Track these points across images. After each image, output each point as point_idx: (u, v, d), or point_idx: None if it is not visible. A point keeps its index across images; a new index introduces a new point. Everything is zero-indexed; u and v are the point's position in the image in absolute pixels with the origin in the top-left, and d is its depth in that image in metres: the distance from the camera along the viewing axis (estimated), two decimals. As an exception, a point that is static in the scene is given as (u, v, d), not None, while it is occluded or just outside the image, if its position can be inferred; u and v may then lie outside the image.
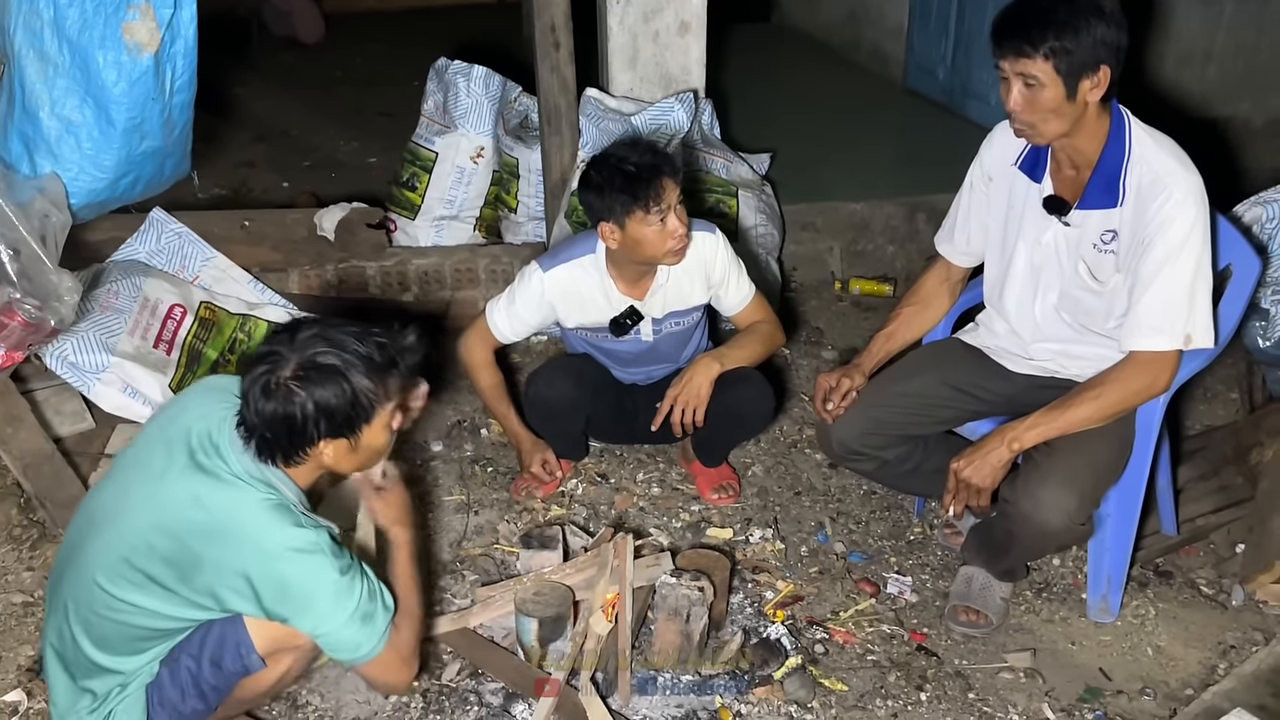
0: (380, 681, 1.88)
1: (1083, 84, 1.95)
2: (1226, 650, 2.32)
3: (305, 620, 1.73)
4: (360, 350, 1.72)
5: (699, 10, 3.61)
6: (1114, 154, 2.05)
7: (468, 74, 3.70)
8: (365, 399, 1.72)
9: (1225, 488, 2.73)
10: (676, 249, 2.46)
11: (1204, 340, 2.05)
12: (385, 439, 1.83)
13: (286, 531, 1.70)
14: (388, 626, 1.79)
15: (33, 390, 2.66)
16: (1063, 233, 2.16)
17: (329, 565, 1.71)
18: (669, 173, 2.40)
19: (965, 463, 2.13)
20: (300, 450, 1.74)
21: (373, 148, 5.24)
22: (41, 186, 2.70)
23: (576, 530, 2.57)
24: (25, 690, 2.16)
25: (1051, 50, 1.92)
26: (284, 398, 1.67)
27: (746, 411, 2.66)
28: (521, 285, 2.62)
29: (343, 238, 3.53)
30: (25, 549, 2.56)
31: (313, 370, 1.68)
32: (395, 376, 1.77)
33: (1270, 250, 2.60)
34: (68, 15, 2.60)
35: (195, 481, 1.71)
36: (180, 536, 1.70)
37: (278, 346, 1.71)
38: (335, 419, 1.71)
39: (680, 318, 2.67)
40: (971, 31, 4.91)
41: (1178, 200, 1.98)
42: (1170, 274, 2.00)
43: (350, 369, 1.70)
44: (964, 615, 2.35)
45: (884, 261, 4.12)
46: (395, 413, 1.81)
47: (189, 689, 1.79)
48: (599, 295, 2.59)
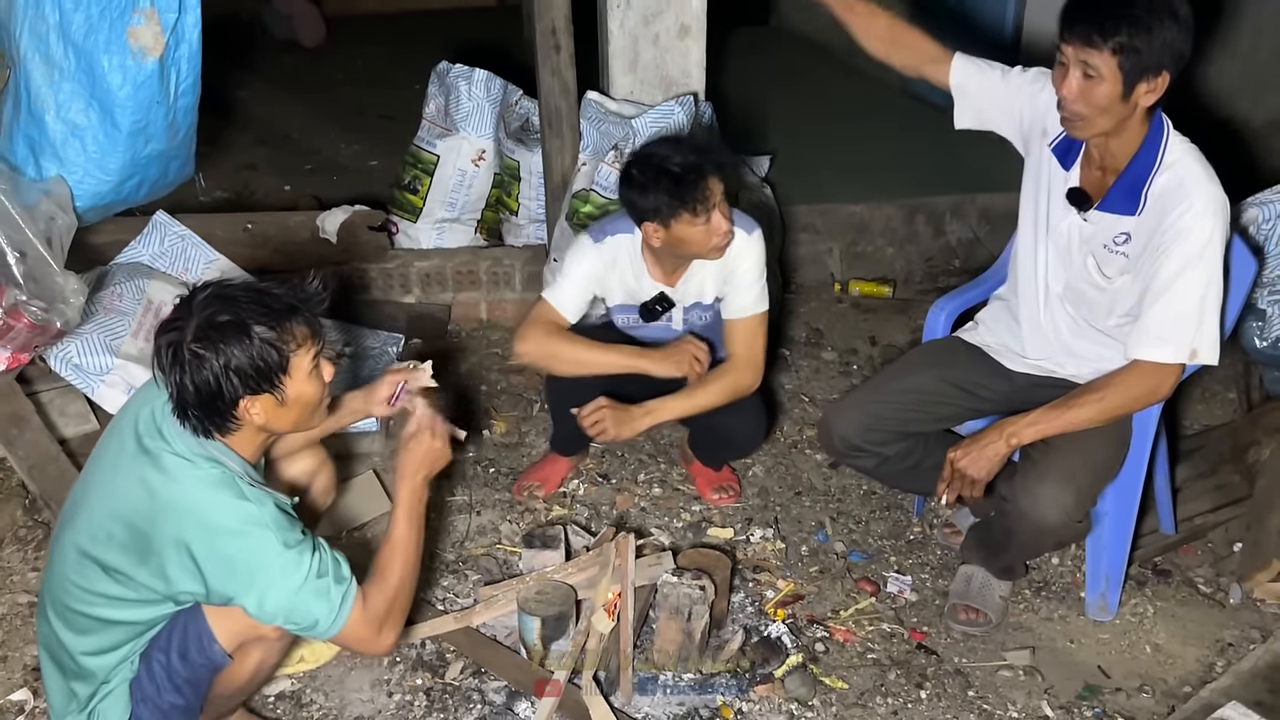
0: (355, 650, 1.84)
1: (1140, 86, 1.93)
2: (1224, 648, 2.34)
3: (251, 595, 1.70)
4: (257, 302, 1.72)
5: (699, 13, 3.62)
6: (1144, 162, 2.02)
7: (469, 77, 3.71)
8: (272, 348, 1.70)
9: (1223, 486, 2.74)
10: (721, 245, 2.43)
11: (1208, 357, 2.03)
12: (315, 389, 1.80)
13: (229, 505, 1.70)
14: (344, 598, 1.75)
15: (38, 392, 2.67)
16: (1078, 226, 2.15)
17: (273, 538, 1.70)
18: (713, 171, 2.35)
19: (962, 453, 2.14)
20: (227, 415, 1.72)
21: (374, 150, 5.25)
22: (47, 189, 2.71)
23: (578, 530, 2.59)
24: (31, 689, 2.18)
25: (1120, 46, 1.88)
26: (192, 364, 1.67)
27: (735, 437, 2.73)
28: (574, 257, 2.56)
29: (345, 240, 3.54)
30: (31, 549, 2.58)
31: (211, 330, 1.67)
32: (300, 322, 1.75)
33: (1266, 251, 2.62)
34: (73, 20, 2.62)
35: (141, 465, 1.73)
36: (131, 521, 1.71)
37: (178, 315, 1.71)
38: (247, 374, 1.69)
39: (704, 311, 2.63)
40: (970, 33, 4.92)
41: (1198, 211, 1.96)
42: (1182, 286, 1.99)
43: (249, 321, 1.69)
44: (963, 614, 2.37)
45: (883, 263, 4.13)
46: (318, 361, 1.79)
47: (164, 683, 1.80)
48: (630, 276, 2.56)
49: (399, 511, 1.90)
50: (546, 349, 2.54)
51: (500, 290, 3.71)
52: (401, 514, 1.90)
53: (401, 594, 1.86)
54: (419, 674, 2.22)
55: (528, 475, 2.86)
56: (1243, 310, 2.34)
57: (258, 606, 1.72)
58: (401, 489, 1.92)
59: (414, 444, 1.95)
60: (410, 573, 1.88)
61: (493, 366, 3.47)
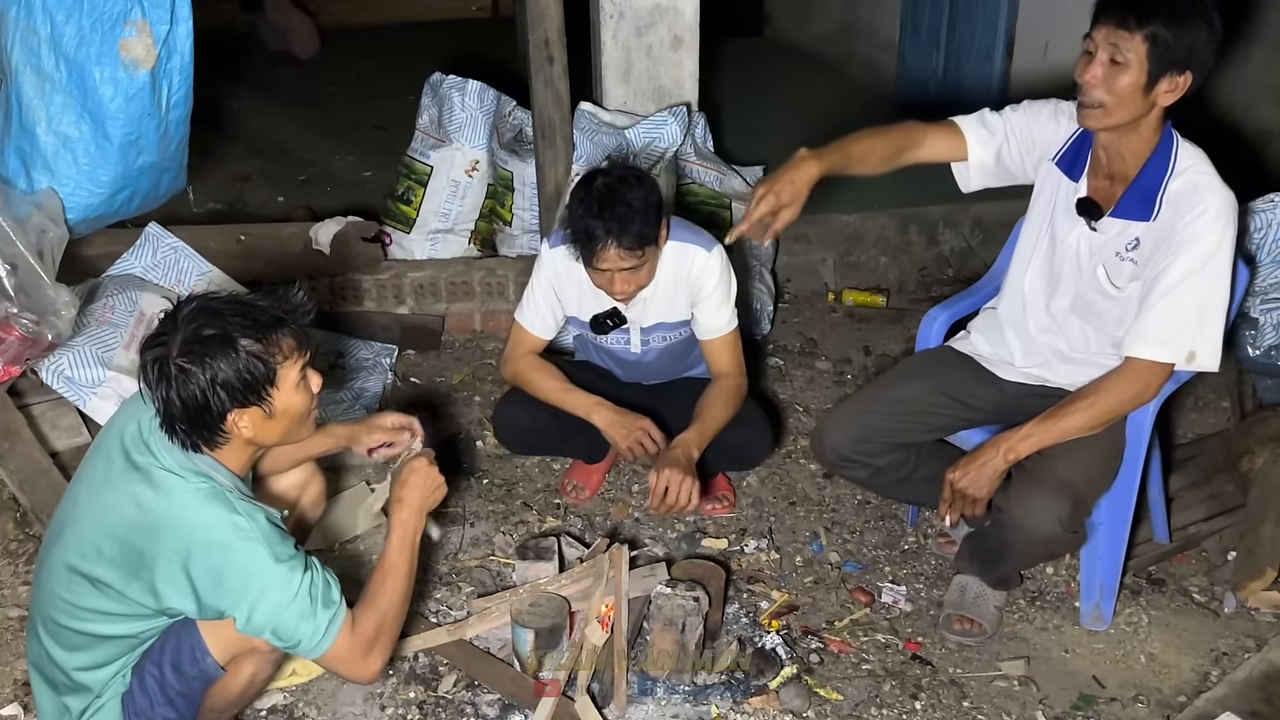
0: (341, 673, 1.84)
1: (1162, 82, 1.93)
2: (1219, 657, 2.33)
3: (241, 608, 1.70)
4: (242, 315, 1.72)
5: (691, 25, 3.63)
6: (1157, 168, 2.03)
7: (462, 88, 3.72)
8: (258, 360, 1.70)
9: (1217, 495, 2.75)
10: (619, 298, 2.49)
11: (1208, 362, 2.04)
12: (303, 400, 1.80)
13: (220, 519, 1.69)
14: (332, 620, 1.74)
15: (29, 405, 2.66)
16: (1086, 237, 2.15)
17: (264, 551, 1.69)
18: (619, 243, 2.33)
19: (961, 473, 2.14)
20: (215, 429, 1.72)
21: (368, 162, 5.26)
22: (38, 202, 2.71)
23: (572, 541, 2.58)
24: (21, 704, 2.16)
25: (1153, 34, 1.89)
26: (179, 378, 1.67)
27: (749, 453, 2.75)
28: (535, 268, 2.63)
29: (338, 251, 3.54)
30: (21, 563, 2.56)
31: (197, 344, 1.67)
32: (286, 334, 1.75)
33: (1258, 260, 2.63)
34: (65, 32, 2.62)
35: (131, 481, 1.72)
36: (122, 537, 1.70)
37: (163, 330, 1.71)
38: (234, 387, 1.69)
39: (668, 331, 2.65)
40: (962, 44, 4.95)
41: (1212, 216, 1.97)
42: (1187, 289, 1.99)
43: (235, 334, 1.69)
44: (959, 624, 2.36)
45: (876, 273, 4.14)
46: (305, 372, 1.79)
47: (157, 697, 1.79)
48: (587, 285, 2.56)
49: (393, 538, 1.90)
50: (523, 377, 2.66)
51: (494, 301, 3.71)
52: (395, 541, 1.90)
53: (390, 621, 1.85)
54: (412, 687, 2.21)
55: (569, 476, 2.89)
56: (1236, 319, 2.34)
57: (246, 620, 1.71)
58: (397, 516, 1.92)
59: (415, 476, 1.96)
60: (401, 600, 1.87)
61: (486, 378, 3.47)
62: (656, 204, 2.39)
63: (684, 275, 2.54)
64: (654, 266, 2.48)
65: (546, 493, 2.89)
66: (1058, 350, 2.28)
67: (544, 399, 2.63)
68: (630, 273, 2.40)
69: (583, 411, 2.59)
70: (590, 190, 2.36)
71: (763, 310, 3.69)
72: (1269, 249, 2.64)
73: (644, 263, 2.41)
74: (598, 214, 2.33)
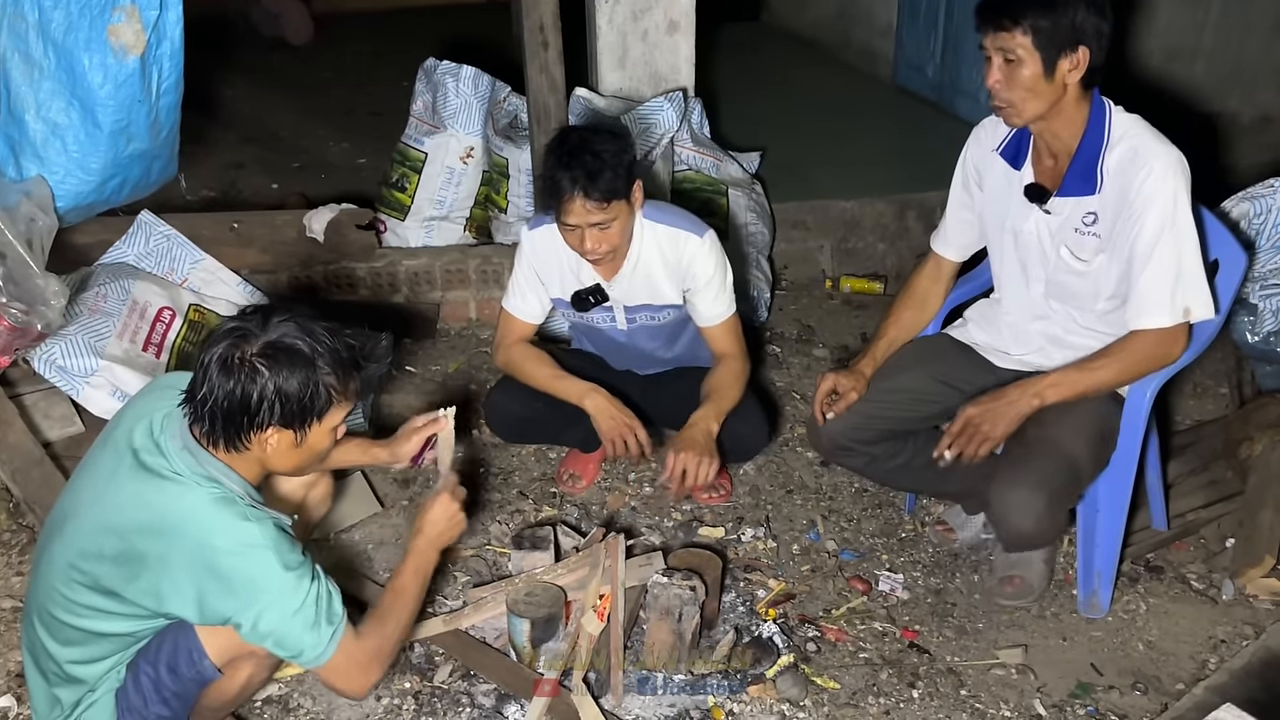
0: (335, 687, 1.84)
1: (1061, 63, 1.98)
2: (1217, 644, 2.33)
3: (248, 614, 1.68)
4: (331, 343, 1.71)
5: (688, 9, 3.61)
6: (1092, 142, 2.07)
7: (456, 74, 3.69)
8: (325, 392, 1.70)
9: (1215, 482, 2.74)
10: (594, 260, 2.45)
11: (1203, 311, 2.07)
12: (328, 442, 1.81)
13: (230, 525, 1.68)
14: (333, 635, 1.74)
15: (21, 394, 2.64)
16: (1044, 221, 2.18)
17: (273, 559, 1.68)
18: (585, 193, 2.28)
19: (981, 409, 2.14)
20: (246, 434, 1.71)
21: (362, 148, 5.23)
22: (27, 190, 2.69)
23: (568, 530, 2.57)
24: (15, 695, 2.16)
25: (1031, 26, 1.95)
26: (246, 375, 1.66)
27: (746, 445, 2.74)
28: (517, 253, 2.62)
29: (332, 239, 3.52)
30: (14, 554, 2.55)
31: (280, 352, 1.67)
32: (356, 379, 1.76)
33: (1257, 245, 2.61)
34: (53, 18, 2.59)
35: (140, 481, 1.70)
36: (127, 536, 1.69)
37: (247, 324, 1.69)
38: (290, 407, 1.68)
39: (655, 312, 2.61)
40: (960, 28, 4.91)
41: (1159, 175, 2.00)
42: (1161, 251, 2.03)
43: (318, 358, 1.69)
44: (1009, 585, 2.38)
45: (874, 259, 4.13)
46: (344, 418, 1.80)
47: (151, 696, 1.78)
48: (569, 264, 2.54)
49: (409, 563, 1.93)
50: (514, 365, 2.65)
51: (489, 288, 3.69)
52: (410, 565, 1.93)
53: (392, 642, 1.86)
54: (407, 677, 2.20)
55: (565, 465, 2.88)
56: (1234, 305, 2.33)
57: (251, 627, 1.70)
58: (417, 543, 1.95)
59: (439, 509, 1.99)
60: (406, 623, 1.89)
61: (482, 365, 3.45)
62: (629, 162, 2.36)
63: (674, 260, 2.51)
64: (626, 227, 2.42)
65: (542, 482, 2.88)
66: (1051, 335, 2.29)
67: (536, 386, 2.61)
68: (600, 230, 2.35)
69: (575, 397, 2.56)
70: (562, 143, 2.34)
71: (760, 297, 3.67)
72: (1268, 234, 2.62)
73: (613, 219, 2.35)
74: (565, 164, 2.30)
